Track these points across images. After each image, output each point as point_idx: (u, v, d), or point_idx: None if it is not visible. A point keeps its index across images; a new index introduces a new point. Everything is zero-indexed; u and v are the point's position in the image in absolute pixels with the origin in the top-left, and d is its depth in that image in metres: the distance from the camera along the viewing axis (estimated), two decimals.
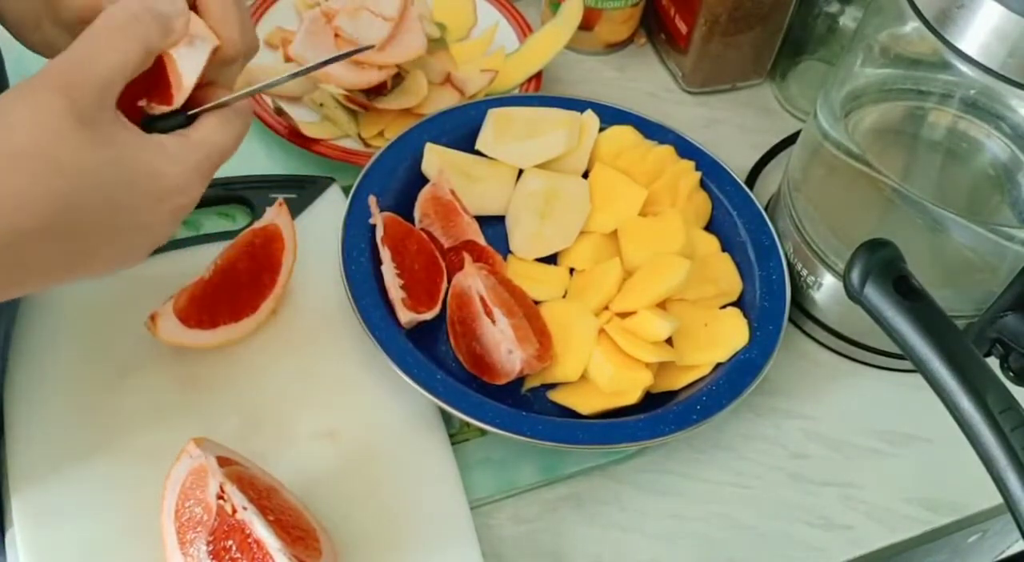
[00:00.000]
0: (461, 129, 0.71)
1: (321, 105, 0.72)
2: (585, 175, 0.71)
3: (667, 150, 0.71)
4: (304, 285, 0.64)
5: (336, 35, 0.72)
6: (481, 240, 0.66)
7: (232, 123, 0.45)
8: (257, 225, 0.62)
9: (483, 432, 0.61)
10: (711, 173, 0.71)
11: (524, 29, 0.82)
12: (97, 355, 0.59)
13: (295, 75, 0.49)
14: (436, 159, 0.68)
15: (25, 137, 0.38)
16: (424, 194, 0.68)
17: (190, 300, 0.59)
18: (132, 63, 0.40)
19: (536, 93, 0.78)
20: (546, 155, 0.70)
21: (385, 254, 0.62)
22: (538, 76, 0.79)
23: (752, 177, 0.78)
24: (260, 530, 0.48)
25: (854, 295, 0.51)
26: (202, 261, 0.61)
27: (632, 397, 0.60)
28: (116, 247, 0.43)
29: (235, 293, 0.61)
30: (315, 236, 0.65)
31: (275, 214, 0.62)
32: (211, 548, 0.49)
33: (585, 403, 0.60)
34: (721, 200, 0.70)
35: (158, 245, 0.45)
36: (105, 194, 0.40)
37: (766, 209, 0.71)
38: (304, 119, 0.72)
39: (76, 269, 0.43)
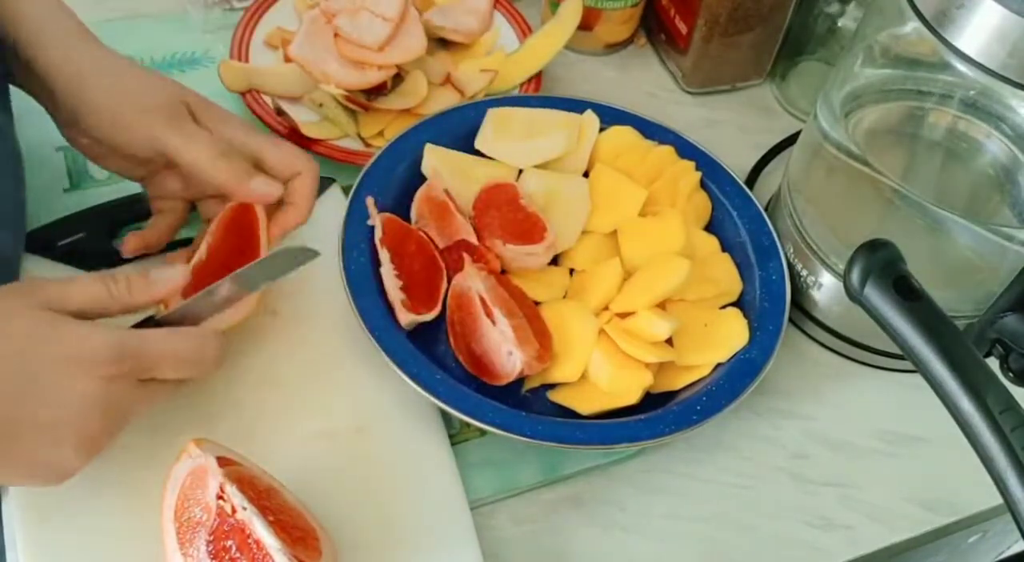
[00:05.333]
0: (461, 129, 0.71)
1: (321, 105, 0.72)
2: (585, 175, 0.71)
3: (667, 150, 0.71)
4: (304, 285, 0.64)
5: (336, 35, 0.72)
6: (474, 240, 0.66)
7: (183, 337, 0.51)
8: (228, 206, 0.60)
9: (483, 432, 0.61)
10: (711, 173, 0.71)
11: (524, 29, 0.82)
12: None
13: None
14: (436, 160, 0.68)
15: None
16: (419, 195, 0.68)
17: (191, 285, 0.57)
18: (89, 307, 0.49)
19: (536, 93, 0.78)
20: (546, 155, 0.70)
21: (384, 255, 0.62)
22: (538, 76, 0.79)
23: (752, 177, 0.78)
24: (260, 530, 0.48)
25: (854, 295, 0.51)
26: None
27: (632, 397, 0.60)
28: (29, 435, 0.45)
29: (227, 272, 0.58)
30: (315, 236, 0.65)
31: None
32: (211, 548, 0.49)
33: (585, 403, 0.60)
34: (721, 200, 0.70)
35: (83, 450, 0.47)
36: (18, 360, 0.45)
37: (766, 209, 0.71)
38: (304, 119, 0.72)
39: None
